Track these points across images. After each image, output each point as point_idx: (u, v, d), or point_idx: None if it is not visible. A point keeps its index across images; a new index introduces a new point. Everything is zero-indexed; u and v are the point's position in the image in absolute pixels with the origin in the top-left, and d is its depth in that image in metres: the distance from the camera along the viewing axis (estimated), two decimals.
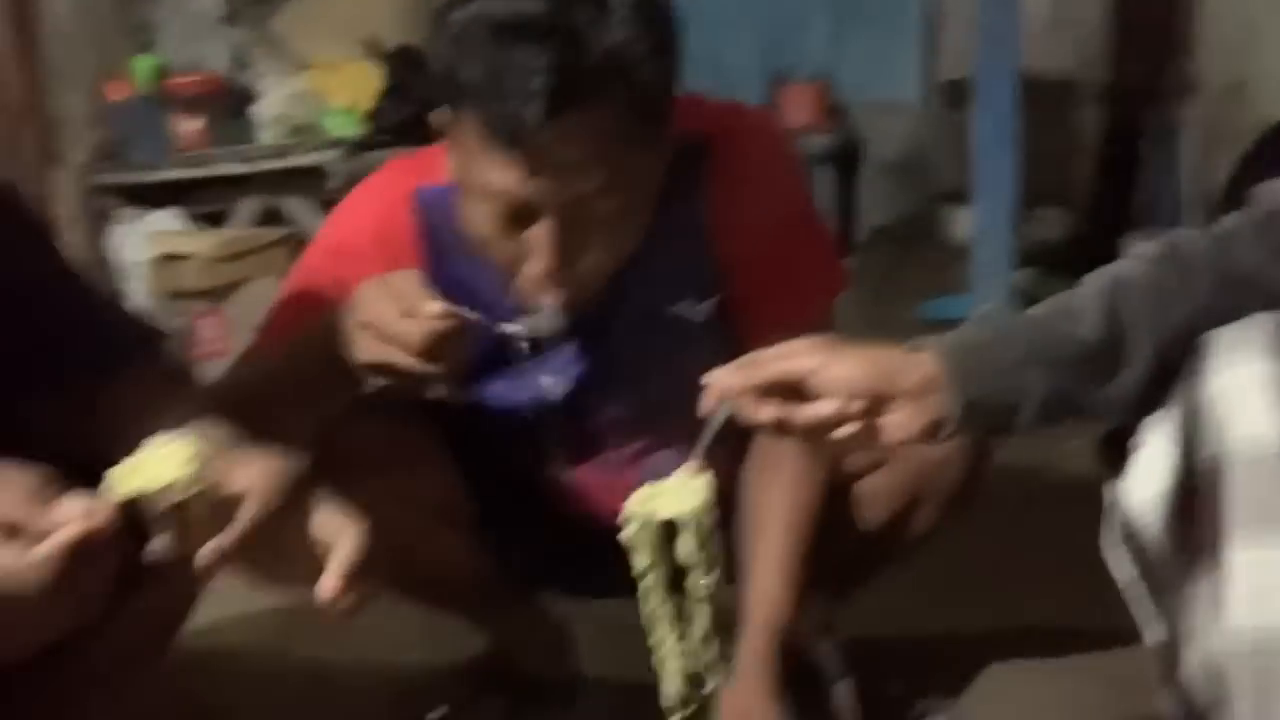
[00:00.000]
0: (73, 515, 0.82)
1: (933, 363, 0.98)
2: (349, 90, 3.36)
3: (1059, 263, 3.25)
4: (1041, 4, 3.92)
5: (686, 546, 0.94)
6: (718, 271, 1.30)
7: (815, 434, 0.99)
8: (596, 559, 1.20)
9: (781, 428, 0.98)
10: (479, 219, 1.15)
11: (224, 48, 3.50)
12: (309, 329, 1.15)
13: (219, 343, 3.15)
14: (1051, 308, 1.01)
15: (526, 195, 1.10)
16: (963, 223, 3.70)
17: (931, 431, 0.98)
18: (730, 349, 1.32)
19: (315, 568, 0.92)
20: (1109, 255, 1.08)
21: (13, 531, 0.82)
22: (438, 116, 1.18)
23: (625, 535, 0.96)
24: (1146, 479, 0.96)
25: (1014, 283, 3.13)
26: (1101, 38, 3.96)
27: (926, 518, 1.41)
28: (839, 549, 1.38)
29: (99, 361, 1.21)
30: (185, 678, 1.58)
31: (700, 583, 0.96)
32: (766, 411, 0.97)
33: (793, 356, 0.98)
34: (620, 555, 1.00)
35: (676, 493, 0.95)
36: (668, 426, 1.36)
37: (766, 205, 1.27)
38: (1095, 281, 1.00)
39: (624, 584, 1.00)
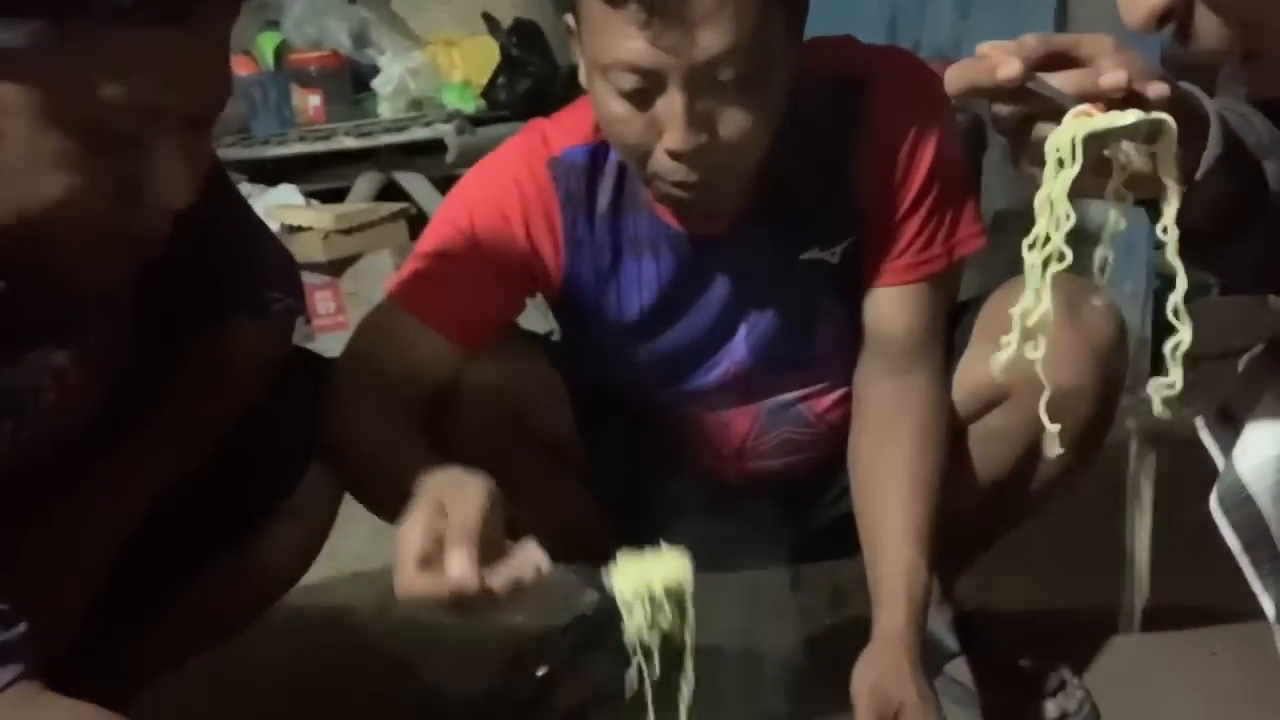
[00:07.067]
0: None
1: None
2: (467, 65, 3.36)
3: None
4: None
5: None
6: (857, 212, 1.27)
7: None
8: (710, 523, 1.18)
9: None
10: (610, 103, 1.12)
11: (344, 25, 3.53)
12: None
13: (335, 315, 3.18)
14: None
15: (651, 58, 1.06)
16: (1095, 204, 3.57)
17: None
18: (858, 292, 1.29)
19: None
20: None
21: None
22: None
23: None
24: (1261, 443, 0.90)
25: (1154, 263, 2.99)
26: None
27: (1053, 460, 1.33)
28: (961, 504, 1.32)
29: (254, 307, 1.23)
30: (286, 638, 1.58)
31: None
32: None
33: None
34: (738, 520, 0.97)
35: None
36: (794, 369, 1.32)
37: (916, 153, 1.24)
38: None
39: (740, 550, 0.98)
